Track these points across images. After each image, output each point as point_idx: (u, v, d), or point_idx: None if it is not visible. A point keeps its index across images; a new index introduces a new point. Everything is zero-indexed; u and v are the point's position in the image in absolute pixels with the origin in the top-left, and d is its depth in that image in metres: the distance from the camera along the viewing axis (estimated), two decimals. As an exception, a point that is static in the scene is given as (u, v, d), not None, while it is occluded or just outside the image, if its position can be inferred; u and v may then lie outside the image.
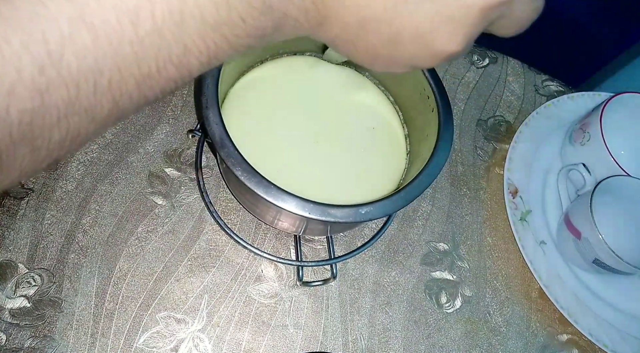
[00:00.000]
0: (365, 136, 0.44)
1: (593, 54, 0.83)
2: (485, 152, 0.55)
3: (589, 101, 0.59)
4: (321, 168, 0.41)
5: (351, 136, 0.44)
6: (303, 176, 0.40)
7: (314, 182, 0.40)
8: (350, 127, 0.44)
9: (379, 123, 0.45)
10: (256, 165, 0.33)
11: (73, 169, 0.44)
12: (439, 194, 0.52)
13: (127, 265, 0.41)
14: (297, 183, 0.39)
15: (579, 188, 0.52)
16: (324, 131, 0.43)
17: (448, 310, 0.46)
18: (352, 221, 0.34)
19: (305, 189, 0.35)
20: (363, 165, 0.42)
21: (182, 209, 0.44)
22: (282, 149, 0.41)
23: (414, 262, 0.48)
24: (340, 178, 0.42)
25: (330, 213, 0.33)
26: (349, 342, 0.43)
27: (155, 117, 0.48)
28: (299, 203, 0.33)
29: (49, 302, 0.39)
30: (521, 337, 0.47)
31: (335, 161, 0.42)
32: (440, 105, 0.40)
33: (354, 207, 0.34)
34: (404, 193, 0.35)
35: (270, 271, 0.44)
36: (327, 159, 0.42)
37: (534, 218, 0.51)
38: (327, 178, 0.41)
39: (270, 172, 0.33)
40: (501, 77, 0.61)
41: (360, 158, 0.43)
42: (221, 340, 0.41)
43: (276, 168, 0.39)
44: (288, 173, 0.40)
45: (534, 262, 0.48)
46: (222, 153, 0.32)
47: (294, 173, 0.40)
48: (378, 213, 0.34)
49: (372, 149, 0.43)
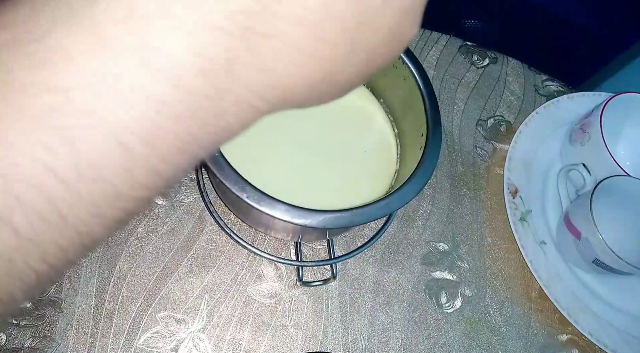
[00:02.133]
0: (355, 139, 0.44)
1: (593, 54, 0.83)
2: (485, 152, 0.55)
3: (589, 101, 0.59)
4: (312, 173, 0.41)
5: (341, 140, 0.43)
6: (294, 182, 0.40)
7: (305, 188, 0.40)
8: (339, 131, 0.44)
9: (368, 127, 0.45)
10: (246, 174, 0.32)
11: (73, 169, 0.44)
12: (439, 194, 0.52)
13: (127, 265, 0.41)
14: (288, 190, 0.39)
15: (579, 188, 0.52)
16: (314, 136, 0.43)
17: (448, 310, 0.46)
18: (348, 225, 0.34)
19: (297, 196, 0.35)
20: (354, 169, 0.42)
21: (182, 209, 0.44)
22: (272, 156, 0.41)
23: (414, 262, 0.48)
24: (331, 183, 0.41)
25: (322, 219, 0.33)
26: (349, 342, 0.43)
27: (155, 117, 0.48)
28: (291, 211, 0.32)
29: (49, 302, 0.39)
30: (521, 337, 0.47)
31: (325, 165, 0.42)
32: (428, 106, 0.39)
33: (348, 211, 0.34)
34: (396, 195, 0.35)
35: (270, 271, 0.44)
36: (317, 164, 0.42)
37: (534, 218, 0.51)
38: (318, 184, 0.41)
39: (261, 181, 0.33)
40: (501, 77, 0.61)
41: (350, 161, 0.42)
42: (221, 340, 0.41)
43: (267, 176, 0.39)
44: (279, 181, 0.39)
45: (534, 262, 0.48)
46: (216, 173, 0.32)
47: (285, 181, 0.40)
48: (372, 216, 0.34)
49: (363, 152, 0.43)
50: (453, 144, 0.55)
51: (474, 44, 0.62)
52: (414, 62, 0.41)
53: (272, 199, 0.32)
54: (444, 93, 0.58)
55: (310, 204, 0.33)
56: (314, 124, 0.44)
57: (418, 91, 0.40)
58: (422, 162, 0.37)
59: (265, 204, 0.32)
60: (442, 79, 0.59)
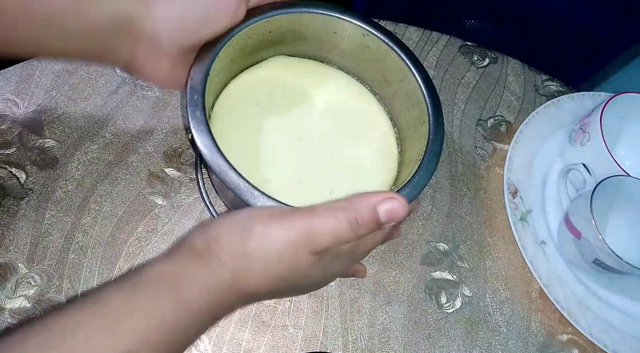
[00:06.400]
0: (355, 141, 0.44)
1: (593, 54, 0.83)
2: (486, 152, 0.55)
3: (589, 101, 0.59)
4: (312, 174, 0.41)
5: (341, 141, 0.43)
6: (294, 183, 0.40)
7: (305, 189, 0.40)
8: (340, 132, 0.44)
9: (369, 129, 0.45)
10: (247, 175, 0.32)
11: (73, 169, 0.44)
12: (439, 194, 0.52)
13: (127, 265, 0.41)
14: (289, 190, 0.39)
15: (579, 188, 0.52)
16: (314, 137, 0.43)
17: (448, 310, 0.46)
18: None
19: (297, 196, 0.35)
20: (354, 170, 0.42)
21: (182, 209, 0.44)
22: (272, 157, 0.41)
23: (414, 262, 0.48)
24: (331, 184, 0.41)
25: None
26: (349, 342, 0.43)
27: (155, 117, 0.48)
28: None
29: (49, 302, 0.39)
30: (521, 337, 0.47)
31: (325, 166, 0.42)
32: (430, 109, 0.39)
33: None
34: None
35: (270, 271, 0.44)
36: (318, 165, 0.42)
37: (534, 218, 0.51)
38: (318, 185, 0.41)
39: (261, 181, 0.33)
40: (501, 77, 0.61)
41: (351, 162, 0.42)
42: (221, 340, 0.41)
43: (267, 176, 0.39)
44: (279, 181, 0.39)
45: (534, 262, 0.48)
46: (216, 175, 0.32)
47: (285, 181, 0.40)
48: None
49: (363, 153, 0.43)
50: (453, 144, 0.55)
51: (474, 44, 0.62)
52: (414, 62, 0.41)
53: (277, 203, 0.32)
54: (444, 93, 0.58)
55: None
56: (315, 125, 0.44)
57: (420, 92, 0.40)
58: (422, 163, 0.37)
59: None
60: (442, 79, 0.59)
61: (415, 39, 0.60)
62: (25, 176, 0.43)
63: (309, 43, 0.44)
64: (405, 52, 0.41)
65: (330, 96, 0.45)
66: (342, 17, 0.41)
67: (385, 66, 0.43)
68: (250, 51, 0.42)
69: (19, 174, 0.43)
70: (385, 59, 0.42)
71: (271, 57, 0.45)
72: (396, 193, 0.29)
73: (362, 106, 0.46)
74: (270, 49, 0.44)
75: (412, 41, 0.60)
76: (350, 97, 0.46)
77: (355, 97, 0.46)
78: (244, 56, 0.42)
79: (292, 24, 0.41)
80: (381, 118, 0.45)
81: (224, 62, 0.38)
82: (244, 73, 0.44)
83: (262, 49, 0.43)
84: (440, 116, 0.39)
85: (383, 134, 0.45)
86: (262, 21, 0.39)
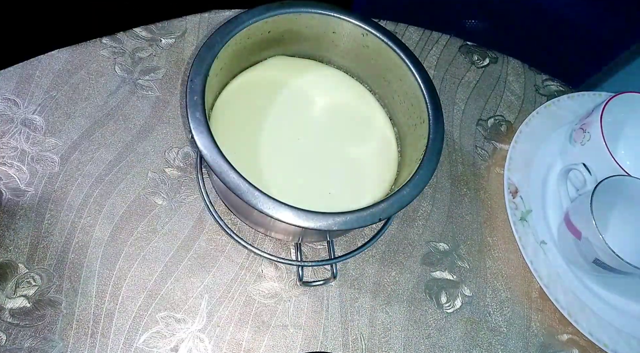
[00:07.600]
0: (355, 141, 0.44)
1: (593, 54, 0.83)
2: (486, 152, 0.55)
3: (589, 101, 0.59)
4: (312, 174, 0.41)
5: (341, 141, 0.43)
6: (294, 183, 0.40)
7: (305, 189, 0.40)
8: (340, 133, 0.44)
9: (369, 129, 0.45)
10: (246, 175, 0.32)
11: (73, 169, 0.44)
12: (439, 194, 0.52)
13: (127, 265, 0.41)
14: (288, 191, 0.39)
15: (579, 188, 0.52)
16: (315, 137, 0.43)
17: (448, 310, 0.46)
18: (350, 228, 0.34)
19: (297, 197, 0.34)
20: (354, 170, 0.42)
21: (182, 209, 0.44)
22: (272, 157, 0.41)
23: (414, 262, 0.48)
24: (331, 184, 0.41)
25: (326, 222, 0.33)
26: (349, 342, 0.43)
27: (155, 117, 0.48)
28: (295, 213, 0.32)
29: (49, 302, 0.39)
30: (521, 337, 0.47)
31: (325, 167, 0.42)
32: (429, 108, 0.39)
33: (350, 213, 0.33)
34: (397, 197, 0.35)
35: (271, 271, 0.44)
36: (318, 165, 0.42)
37: (534, 218, 0.51)
38: (318, 185, 0.41)
39: (261, 181, 0.33)
40: (501, 77, 0.61)
41: (351, 163, 0.42)
42: (221, 340, 0.41)
43: (267, 177, 0.39)
44: (278, 182, 0.39)
45: (534, 262, 0.48)
46: (217, 175, 0.32)
47: (285, 181, 0.40)
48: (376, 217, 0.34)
49: (363, 153, 0.43)
50: (453, 144, 0.55)
51: (474, 44, 0.62)
52: (413, 61, 0.41)
53: (278, 203, 0.32)
54: (444, 93, 0.58)
55: (310, 206, 0.33)
56: (315, 125, 0.44)
57: (419, 91, 0.40)
58: (422, 162, 0.37)
59: (272, 208, 0.32)
60: (442, 79, 0.59)
61: (415, 39, 0.60)
62: (25, 176, 0.43)
63: (308, 43, 0.44)
64: (404, 52, 0.41)
65: (329, 96, 0.45)
66: (341, 17, 0.41)
67: (384, 65, 0.43)
68: (250, 51, 0.42)
69: (19, 174, 0.43)
70: (384, 59, 0.42)
71: (270, 58, 0.45)
72: None
73: (362, 106, 0.46)
74: (269, 49, 0.44)
75: (412, 41, 0.60)
76: (349, 97, 0.46)
77: (355, 97, 0.46)
78: (243, 56, 0.42)
79: (291, 24, 0.41)
80: (381, 118, 0.45)
81: (224, 62, 0.38)
82: (243, 73, 0.44)
83: (262, 49, 0.43)
84: (440, 115, 0.39)
85: (383, 134, 0.45)
86: (261, 21, 0.39)
